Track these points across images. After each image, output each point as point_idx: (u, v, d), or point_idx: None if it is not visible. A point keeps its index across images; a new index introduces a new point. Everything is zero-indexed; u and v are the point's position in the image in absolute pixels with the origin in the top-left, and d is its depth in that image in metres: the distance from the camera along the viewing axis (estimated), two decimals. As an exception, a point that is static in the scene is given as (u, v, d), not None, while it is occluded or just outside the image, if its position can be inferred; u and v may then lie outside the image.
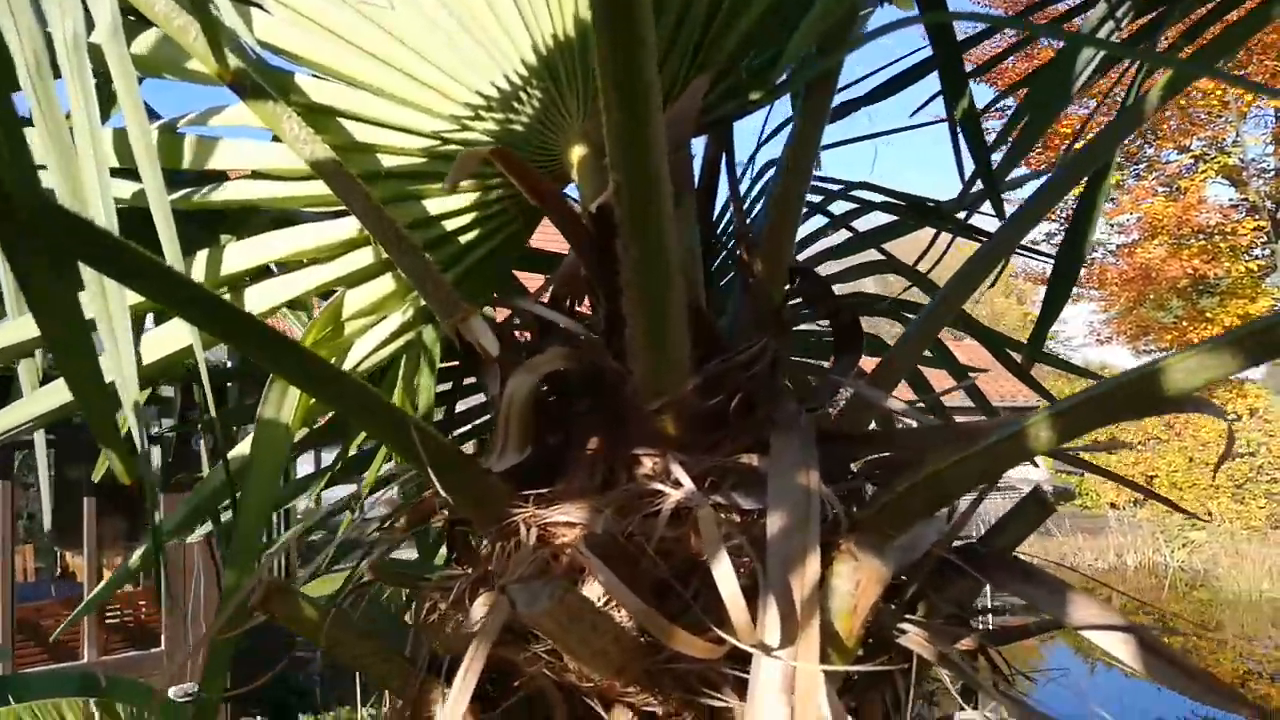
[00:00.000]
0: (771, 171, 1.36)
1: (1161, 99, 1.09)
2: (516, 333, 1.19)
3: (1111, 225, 17.10)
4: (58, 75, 1.17)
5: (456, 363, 1.73)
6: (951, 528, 0.97)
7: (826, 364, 1.17)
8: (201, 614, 6.93)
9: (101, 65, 1.16)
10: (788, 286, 1.10)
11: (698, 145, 1.39)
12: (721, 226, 1.72)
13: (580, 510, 0.97)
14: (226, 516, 1.64)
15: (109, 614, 7.26)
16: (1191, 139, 16.64)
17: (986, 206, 1.54)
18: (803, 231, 1.98)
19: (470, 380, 1.79)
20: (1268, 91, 0.70)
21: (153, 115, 1.32)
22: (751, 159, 1.41)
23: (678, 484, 0.96)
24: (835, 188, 2.16)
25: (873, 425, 1.15)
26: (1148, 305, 18.28)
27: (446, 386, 1.90)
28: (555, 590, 0.72)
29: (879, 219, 2.14)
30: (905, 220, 2.11)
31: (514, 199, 1.18)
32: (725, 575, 0.79)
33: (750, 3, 1.06)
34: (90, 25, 1.18)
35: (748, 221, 1.12)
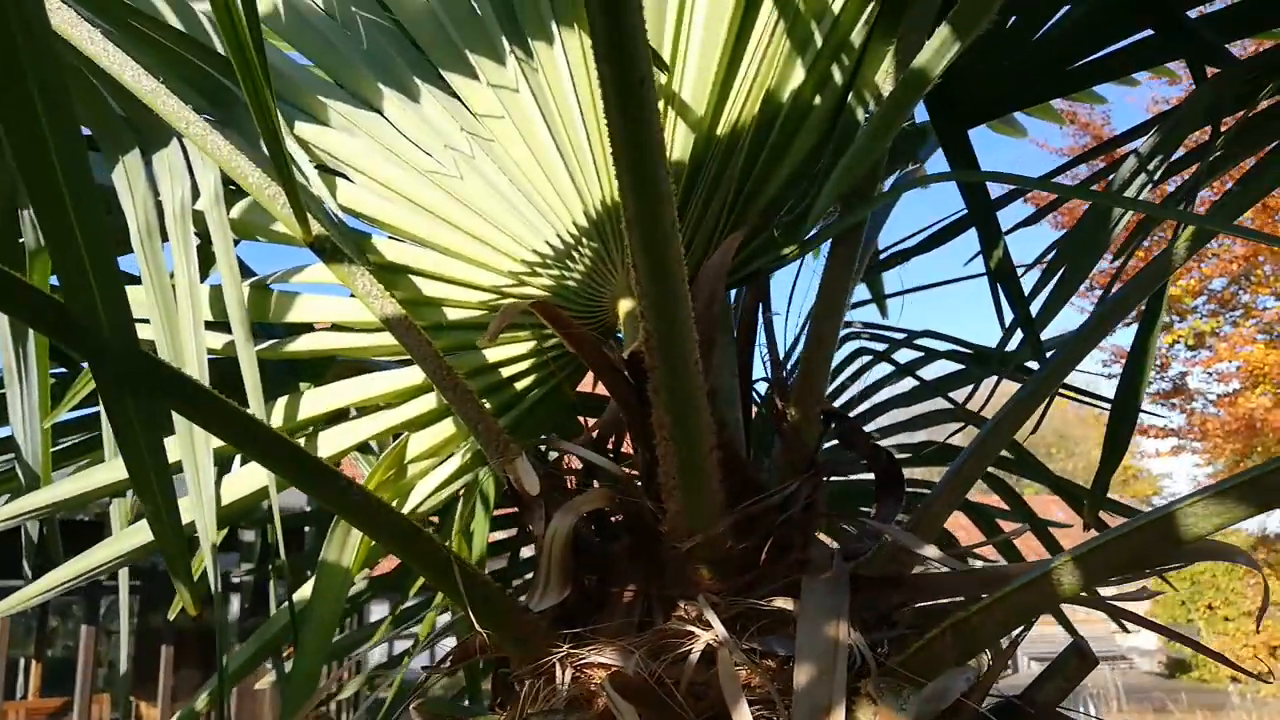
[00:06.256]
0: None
1: (1188, 251, 1.12)
2: (567, 479, 1.24)
3: (1210, 374, 16.42)
4: (165, 238, 1.32)
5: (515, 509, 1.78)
6: (982, 679, 0.95)
7: (870, 510, 1.18)
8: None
9: (201, 228, 1.30)
10: (823, 431, 1.13)
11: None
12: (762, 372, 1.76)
13: (614, 651, 0.99)
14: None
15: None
16: (1288, 284, 16.14)
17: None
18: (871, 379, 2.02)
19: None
20: (1270, 240, 0.73)
21: (245, 273, 1.45)
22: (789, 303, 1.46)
23: (709, 625, 0.97)
24: (899, 336, 2.20)
25: (915, 571, 1.15)
26: (1255, 457, 17.30)
27: (511, 533, 1.95)
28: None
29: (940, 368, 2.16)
30: (970, 369, 2.12)
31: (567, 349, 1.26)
32: None
33: (781, 163, 1.14)
34: (195, 193, 1.32)
35: (785, 367, 1.16)
